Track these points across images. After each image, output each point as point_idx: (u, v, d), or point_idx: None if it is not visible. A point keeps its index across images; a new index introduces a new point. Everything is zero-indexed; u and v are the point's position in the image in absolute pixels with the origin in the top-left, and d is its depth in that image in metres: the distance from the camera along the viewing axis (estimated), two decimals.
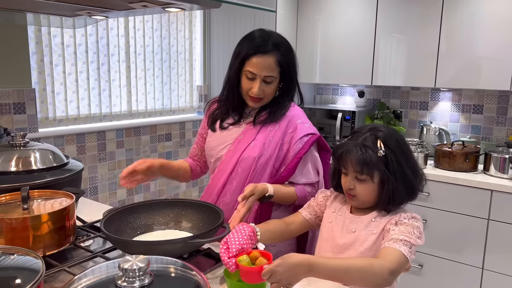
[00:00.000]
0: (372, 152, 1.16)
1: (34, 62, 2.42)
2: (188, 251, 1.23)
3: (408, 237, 1.12)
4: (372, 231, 1.21)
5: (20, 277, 0.85)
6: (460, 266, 2.51)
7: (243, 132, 1.49)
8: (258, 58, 1.39)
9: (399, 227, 1.15)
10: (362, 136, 1.21)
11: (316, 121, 3.29)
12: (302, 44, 3.29)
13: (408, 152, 1.22)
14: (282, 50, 1.42)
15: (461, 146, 2.62)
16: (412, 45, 2.80)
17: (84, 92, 2.68)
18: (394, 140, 1.20)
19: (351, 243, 1.23)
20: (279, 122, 1.48)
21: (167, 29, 3.11)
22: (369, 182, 1.19)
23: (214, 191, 1.52)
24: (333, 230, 1.28)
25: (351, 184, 1.21)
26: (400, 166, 1.18)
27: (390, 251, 1.09)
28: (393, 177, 1.17)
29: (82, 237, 1.35)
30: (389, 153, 1.17)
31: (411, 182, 1.20)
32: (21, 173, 1.39)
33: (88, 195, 2.69)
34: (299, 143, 1.44)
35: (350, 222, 1.26)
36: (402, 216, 1.19)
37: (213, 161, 1.56)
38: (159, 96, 3.13)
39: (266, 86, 1.42)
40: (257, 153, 1.44)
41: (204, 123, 1.65)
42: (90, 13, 1.35)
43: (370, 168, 1.17)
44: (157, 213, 1.42)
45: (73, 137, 2.60)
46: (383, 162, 1.17)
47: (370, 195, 1.21)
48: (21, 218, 1.12)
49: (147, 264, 0.76)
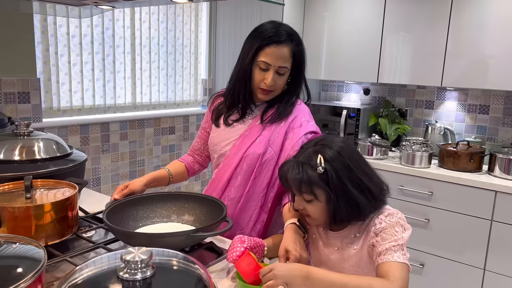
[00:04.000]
0: (311, 171, 1.09)
1: (40, 52, 2.41)
2: (191, 244, 1.23)
3: (395, 240, 1.06)
4: (353, 247, 1.16)
5: (21, 266, 0.85)
6: (462, 266, 2.50)
7: (249, 128, 1.48)
8: (273, 48, 1.37)
9: (381, 235, 1.09)
10: (305, 152, 1.14)
11: (321, 118, 3.28)
12: (308, 40, 3.27)
13: (356, 170, 1.11)
14: (296, 41, 1.41)
15: (466, 146, 2.60)
16: (419, 44, 2.78)
17: (88, 83, 2.67)
18: (339, 156, 1.10)
19: (338, 261, 1.19)
20: (284, 119, 1.46)
21: (173, 21, 3.10)
22: (315, 201, 1.12)
23: (219, 186, 1.51)
24: (319, 249, 1.25)
25: (300, 205, 1.15)
26: (342, 183, 1.09)
27: (387, 268, 1.02)
28: (334, 195, 1.08)
29: (85, 228, 1.35)
30: (330, 169, 1.08)
31: (354, 200, 1.09)
32: (25, 162, 1.38)
33: (91, 186, 2.69)
34: (303, 138, 1.43)
35: (331, 239, 1.21)
36: (377, 222, 1.11)
37: (217, 156, 1.54)
38: (164, 89, 3.13)
39: (279, 77, 1.41)
40: (262, 150, 1.43)
41: (208, 117, 1.63)
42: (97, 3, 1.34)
43: (309, 186, 1.10)
44: (159, 206, 1.42)
45: (77, 127, 2.59)
46: (324, 180, 1.08)
47: (322, 213, 1.14)
48: (24, 207, 1.12)
49: (149, 256, 0.75)
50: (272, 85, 1.41)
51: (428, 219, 2.58)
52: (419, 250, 2.64)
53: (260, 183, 1.44)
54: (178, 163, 1.67)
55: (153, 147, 3.06)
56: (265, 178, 1.43)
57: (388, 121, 3.06)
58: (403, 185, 2.64)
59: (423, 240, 2.61)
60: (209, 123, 1.61)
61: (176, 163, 1.66)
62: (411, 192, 2.62)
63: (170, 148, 3.17)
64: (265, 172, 1.44)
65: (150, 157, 3.04)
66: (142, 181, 1.49)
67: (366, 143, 2.82)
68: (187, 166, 1.67)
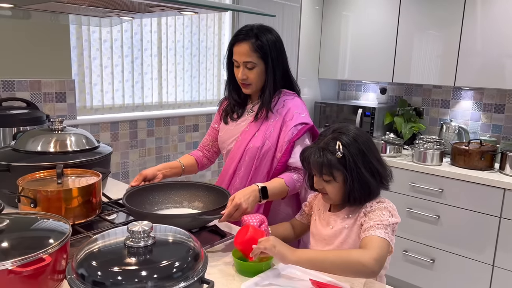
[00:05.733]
0: (330, 155, 1.24)
1: (75, 56, 2.66)
2: (197, 226, 1.40)
3: (380, 220, 1.20)
4: (345, 226, 1.31)
5: (52, 236, 1.04)
6: (471, 262, 2.55)
7: (248, 125, 1.65)
8: (236, 46, 1.57)
9: (369, 216, 1.24)
10: (325, 139, 1.28)
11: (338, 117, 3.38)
12: (326, 39, 3.38)
13: (369, 155, 1.26)
14: (256, 37, 1.54)
15: (478, 144, 2.65)
16: (434, 43, 2.84)
17: (118, 84, 2.90)
18: (354, 142, 1.25)
19: (330, 238, 1.34)
20: (279, 112, 1.60)
21: (197, 25, 3.29)
22: (333, 182, 1.27)
23: (226, 177, 1.70)
24: (317, 226, 1.40)
25: (320, 185, 1.31)
26: (357, 167, 1.23)
27: (368, 240, 1.17)
28: (350, 177, 1.24)
29: (107, 211, 1.54)
30: (347, 154, 1.23)
31: (368, 183, 1.25)
32: (58, 154, 1.60)
33: (120, 178, 2.92)
34: (293, 130, 1.57)
35: (328, 219, 1.36)
36: (368, 206, 1.27)
37: (225, 152, 1.74)
38: (188, 89, 3.32)
39: (249, 71, 1.57)
40: (260, 143, 1.59)
41: (217, 118, 1.81)
42: (119, 15, 1.53)
43: (329, 169, 1.25)
44: (173, 193, 1.59)
45: (108, 125, 2.83)
46: (342, 163, 1.24)
47: (337, 193, 1.29)
48: (56, 190, 1.32)
49: (150, 228, 0.92)
50: (244, 79, 1.58)
51: (438, 215, 2.64)
52: (429, 246, 2.70)
53: (261, 172, 1.61)
54: (189, 156, 1.85)
55: (178, 144, 3.26)
56: (265, 168, 1.61)
57: (404, 120, 3.13)
58: (415, 182, 2.72)
59: (433, 236, 2.67)
60: (218, 122, 1.80)
61: (187, 157, 1.85)
62: (422, 188, 2.69)
63: (194, 145, 3.36)
64: (265, 162, 1.60)
65: (175, 153, 3.25)
66: (154, 167, 1.68)
67: (380, 141, 2.91)
68: (197, 159, 1.84)
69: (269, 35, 1.57)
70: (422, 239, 2.73)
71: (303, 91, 3.40)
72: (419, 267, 2.76)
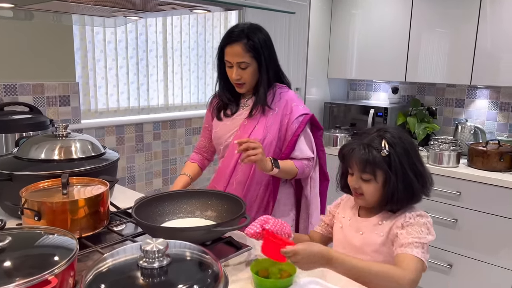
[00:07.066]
0: (376, 152, 1.18)
1: (78, 57, 2.58)
2: (211, 239, 1.31)
3: (418, 237, 1.14)
4: (379, 234, 1.23)
5: (57, 254, 0.96)
6: (490, 268, 2.46)
7: (246, 119, 1.66)
8: (229, 48, 1.57)
9: (406, 229, 1.17)
10: (369, 136, 1.23)
11: (349, 117, 3.29)
12: (335, 38, 3.30)
13: (413, 155, 1.22)
14: (247, 37, 1.56)
15: (497, 145, 2.55)
16: (448, 41, 2.75)
17: (123, 86, 2.82)
18: (400, 142, 1.21)
19: (360, 245, 1.26)
20: (278, 105, 1.63)
21: (203, 25, 3.21)
22: (373, 181, 1.21)
23: (227, 172, 1.69)
24: (344, 234, 1.33)
25: (357, 184, 1.24)
26: (403, 167, 1.19)
27: (404, 258, 1.11)
28: (395, 178, 1.18)
29: (115, 222, 1.46)
30: (393, 153, 1.18)
31: (412, 184, 1.20)
32: (63, 161, 1.51)
33: (125, 183, 2.85)
34: (295, 122, 1.62)
35: (358, 225, 1.29)
36: (407, 216, 1.20)
37: (223, 148, 1.73)
38: (195, 91, 3.24)
39: (243, 71, 1.58)
40: (261, 136, 1.61)
41: (208, 117, 1.82)
42: (126, 14, 1.45)
43: (373, 167, 1.19)
44: (184, 202, 1.51)
45: (113, 128, 2.75)
46: (387, 162, 1.18)
47: (375, 195, 1.23)
48: (61, 202, 1.24)
49: (165, 247, 0.84)
50: (238, 79, 1.59)
51: (456, 219, 2.55)
52: (446, 250, 2.62)
53: None
54: (191, 164, 1.86)
55: (185, 147, 3.18)
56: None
57: (417, 120, 3.04)
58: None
59: (451, 240, 2.58)
60: (210, 122, 1.81)
61: (190, 166, 1.86)
62: (439, 191, 2.60)
63: None
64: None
65: (181, 156, 3.17)
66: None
67: None
68: (200, 165, 1.88)
69: (260, 34, 1.60)
70: (439, 243, 2.63)
71: (311, 91, 3.32)
72: (436, 272, 2.67)
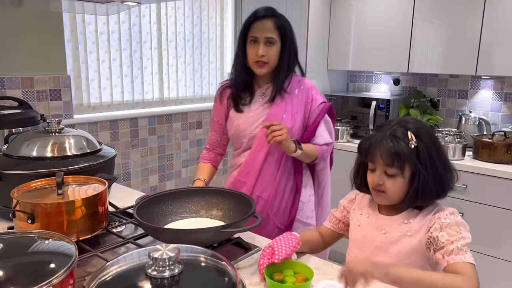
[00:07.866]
0: (403, 144, 1.09)
1: (69, 50, 2.46)
2: (219, 240, 1.22)
3: (464, 240, 1.08)
4: (405, 233, 1.15)
5: (54, 262, 0.86)
6: (497, 261, 2.41)
7: (272, 108, 1.62)
8: (258, 23, 1.56)
9: (447, 232, 1.09)
10: (391, 128, 1.13)
11: (349, 110, 3.22)
12: (335, 29, 3.21)
13: (439, 146, 1.14)
14: (279, 17, 1.58)
15: (503, 137, 2.49)
16: (452, 31, 2.67)
17: (117, 79, 2.71)
18: (426, 132, 1.13)
19: (383, 245, 1.18)
20: (300, 92, 1.64)
21: (199, 15, 3.10)
22: (399, 176, 1.12)
23: (256, 164, 1.63)
24: (363, 232, 1.24)
25: (380, 180, 1.14)
26: (432, 159, 1.10)
27: (462, 267, 1.05)
28: (424, 170, 1.09)
29: (115, 223, 1.36)
30: (421, 145, 1.10)
31: (441, 177, 1.11)
32: (56, 159, 1.41)
33: (121, 180, 2.74)
34: (316, 110, 1.65)
35: (379, 223, 1.20)
36: (442, 216, 1.11)
37: (247, 140, 1.66)
38: (191, 84, 3.14)
39: (269, 48, 1.56)
40: (290, 124, 1.59)
41: (218, 111, 1.73)
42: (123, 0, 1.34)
43: (402, 160, 1.09)
44: (188, 201, 1.42)
45: (107, 123, 2.64)
46: (415, 154, 1.10)
47: (400, 191, 1.13)
48: (56, 203, 1.14)
49: (177, 254, 0.75)
50: (264, 56, 1.55)
51: (462, 213, 2.49)
52: None
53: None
54: (205, 166, 1.77)
55: (181, 142, 3.08)
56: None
57: (419, 112, 2.97)
58: None
59: None
60: (222, 115, 1.73)
61: (204, 168, 1.76)
62: None
63: (197, 142, 3.19)
64: None
65: (178, 151, 3.07)
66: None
67: None
68: (213, 164, 1.79)
69: (286, 19, 1.62)
70: None
71: None
72: None
